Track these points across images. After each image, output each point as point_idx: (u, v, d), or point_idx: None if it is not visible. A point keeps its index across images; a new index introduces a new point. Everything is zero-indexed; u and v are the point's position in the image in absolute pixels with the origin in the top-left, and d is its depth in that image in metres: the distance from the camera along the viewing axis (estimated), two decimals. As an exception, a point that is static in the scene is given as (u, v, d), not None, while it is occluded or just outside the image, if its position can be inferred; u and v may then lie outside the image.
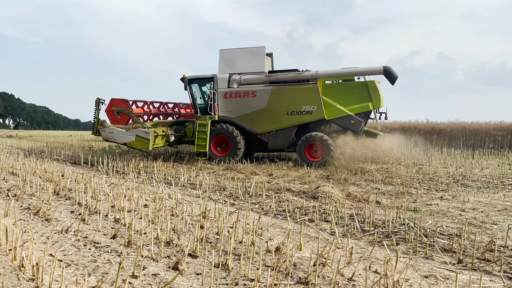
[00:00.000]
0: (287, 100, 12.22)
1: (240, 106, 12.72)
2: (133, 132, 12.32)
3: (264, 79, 12.56)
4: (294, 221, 5.32)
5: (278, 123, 12.41)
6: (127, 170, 10.15)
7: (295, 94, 12.19)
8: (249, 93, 12.60)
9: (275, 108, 12.35)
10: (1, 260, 3.47)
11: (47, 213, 5.22)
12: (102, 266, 3.46)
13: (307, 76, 12.14)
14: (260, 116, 12.53)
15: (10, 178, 8.37)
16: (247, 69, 12.86)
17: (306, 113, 12.09)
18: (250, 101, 12.59)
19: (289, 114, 12.26)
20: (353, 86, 12.08)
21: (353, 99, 11.84)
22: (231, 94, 12.75)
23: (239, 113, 12.75)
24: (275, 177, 9.52)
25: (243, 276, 3.29)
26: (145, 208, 5.79)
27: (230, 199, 6.84)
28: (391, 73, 11.36)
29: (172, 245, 4.10)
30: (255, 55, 12.84)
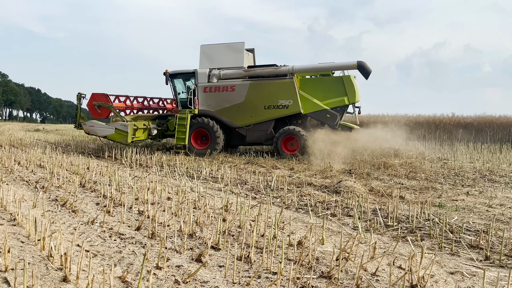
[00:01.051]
0: (265, 94, 12.45)
1: (219, 100, 12.96)
2: (112, 125, 12.63)
3: (243, 74, 12.77)
4: (316, 216, 5.30)
5: (256, 117, 12.64)
6: (150, 164, 10.29)
7: (272, 88, 12.40)
8: (228, 87, 12.84)
9: (253, 102, 12.58)
10: (31, 249, 3.58)
11: (74, 204, 5.36)
12: (127, 257, 3.53)
13: (284, 71, 12.35)
14: (238, 110, 12.77)
15: (38, 170, 8.61)
16: (226, 64, 13.05)
17: (282, 107, 12.31)
18: (229, 95, 12.82)
19: (266, 108, 12.50)
20: (329, 81, 12.30)
21: (329, 94, 12.09)
22: (211, 88, 12.99)
23: (219, 107, 12.98)
24: (296, 171, 9.49)
25: (265, 269, 3.30)
26: (168, 200, 5.87)
27: (252, 192, 6.86)
28: (364, 67, 11.53)
29: (195, 238, 4.15)
30: (235, 50, 13.04)
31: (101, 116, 13.10)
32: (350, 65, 11.80)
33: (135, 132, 12.53)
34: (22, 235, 3.98)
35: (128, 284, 2.92)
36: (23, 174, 7.94)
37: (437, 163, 11.32)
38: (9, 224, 4.38)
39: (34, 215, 4.32)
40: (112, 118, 13.05)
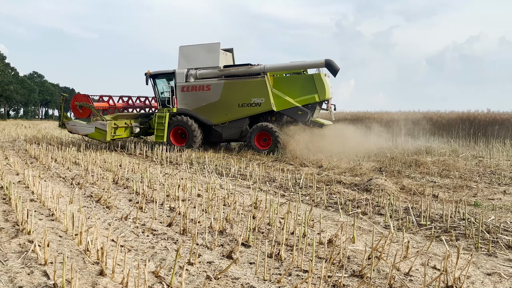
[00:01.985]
0: (238, 93, 12.86)
1: (196, 99, 13.42)
2: (92, 125, 13.13)
3: (218, 73, 13.19)
4: (346, 214, 5.24)
5: (231, 115, 13.06)
6: (180, 161, 10.45)
7: (245, 87, 12.80)
8: (204, 86, 13.30)
9: (227, 100, 13.01)
10: (68, 244, 3.71)
11: (108, 200, 5.51)
12: (159, 253, 3.60)
13: (257, 70, 12.69)
14: (214, 108, 13.23)
15: (74, 167, 8.91)
16: (203, 64, 13.46)
17: (255, 105, 12.71)
18: (205, 94, 13.28)
19: (240, 106, 12.91)
20: (300, 79, 12.65)
21: (301, 91, 12.41)
22: (188, 87, 13.47)
23: (196, 106, 13.46)
24: (325, 169, 9.41)
25: (296, 266, 3.30)
26: (198, 197, 5.95)
27: (280, 190, 6.85)
28: (332, 65, 11.84)
29: (225, 234, 4.19)
30: (211, 50, 13.44)
31: (83, 116, 13.78)
32: (319, 63, 12.11)
33: (115, 131, 13.16)
34: (60, 230, 4.13)
35: (161, 279, 2.99)
36: (60, 171, 8.23)
37: (471, 160, 10.97)
38: (47, 219, 4.56)
39: (71, 210, 4.48)
40: (93, 118, 13.50)
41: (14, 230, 4.03)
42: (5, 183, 6.14)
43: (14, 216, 4.49)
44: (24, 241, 3.68)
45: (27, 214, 4.16)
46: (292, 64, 12.76)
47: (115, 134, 13.21)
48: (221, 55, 13.62)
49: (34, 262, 3.19)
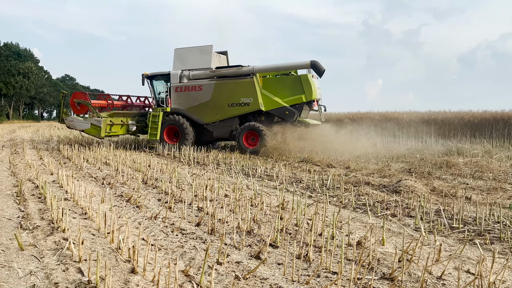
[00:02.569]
0: (228, 93, 13.30)
1: (188, 99, 13.89)
2: (88, 121, 13.74)
3: (209, 74, 13.65)
4: (375, 215, 5.17)
5: (221, 114, 13.50)
6: (207, 161, 10.56)
7: (235, 87, 13.24)
8: (196, 87, 13.80)
9: (218, 100, 13.46)
10: (101, 242, 3.81)
11: (138, 200, 5.63)
12: (188, 252, 3.65)
13: (246, 71, 13.15)
14: (205, 108, 13.68)
15: (104, 167, 9.15)
16: (196, 65, 13.93)
17: (244, 105, 13.11)
18: (197, 94, 13.76)
19: (230, 106, 13.34)
20: (288, 80, 13.04)
21: (288, 92, 12.79)
22: (181, 88, 13.98)
23: (188, 105, 13.92)
24: (353, 170, 9.30)
25: (324, 268, 3.27)
26: (226, 198, 5.99)
27: (307, 191, 6.82)
28: (317, 66, 12.20)
29: (253, 235, 4.20)
30: (204, 52, 13.92)
31: (80, 112, 14.44)
32: (304, 65, 12.52)
33: (111, 128, 13.79)
34: (93, 228, 4.25)
35: (190, 278, 3.03)
36: (91, 171, 8.47)
37: (506, 162, 10.59)
38: (81, 217, 4.70)
39: (103, 209, 4.60)
40: (90, 114, 14.13)
41: (49, 228, 4.18)
42: (41, 183, 6.37)
43: (50, 215, 4.65)
44: (59, 239, 3.81)
45: (62, 212, 4.30)
46: (279, 65, 13.20)
47: (110, 131, 13.85)
48: (214, 57, 14.09)
49: (69, 259, 3.29)
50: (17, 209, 5.02)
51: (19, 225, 4.27)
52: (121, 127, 14.32)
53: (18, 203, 5.33)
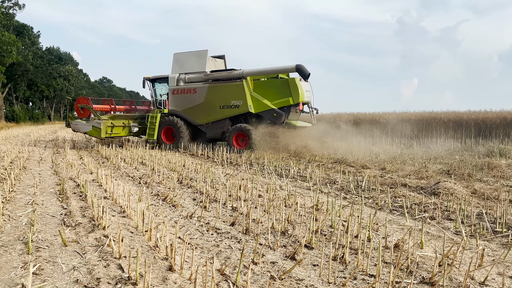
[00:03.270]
0: (220, 95, 13.90)
1: (184, 101, 14.59)
2: (90, 123, 14.50)
3: (203, 77, 14.31)
4: (412, 218, 5.04)
5: (213, 116, 14.10)
6: (240, 162, 10.63)
7: (226, 90, 13.82)
8: (191, 90, 14.48)
9: (210, 102, 14.07)
10: (139, 239, 3.92)
11: (173, 199, 5.74)
12: (224, 251, 3.69)
13: (236, 75, 13.72)
14: (199, 110, 14.31)
15: (141, 167, 9.38)
16: (192, 69, 14.61)
17: (234, 107, 13.67)
18: (192, 97, 14.42)
19: (221, 108, 13.91)
20: (277, 83, 13.42)
21: (277, 95, 13.16)
22: (178, 91, 14.70)
23: (184, 107, 14.60)
24: (388, 171, 9.10)
25: (361, 270, 3.22)
26: (259, 198, 6.00)
27: (342, 192, 6.73)
28: (302, 70, 12.55)
29: (287, 235, 4.19)
30: (199, 57, 14.60)
31: (84, 116, 15.28)
32: (290, 69, 12.90)
33: (112, 129, 14.59)
34: (131, 226, 4.37)
35: (226, 277, 3.06)
36: (128, 171, 8.71)
37: (553, 164, 10.05)
38: (119, 215, 4.84)
39: (141, 208, 4.72)
40: (91, 118, 14.90)
41: (90, 225, 4.33)
42: (81, 181, 6.61)
43: (90, 212, 4.82)
44: (100, 236, 3.94)
45: (102, 210, 4.45)
46: (267, 69, 13.66)
47: (111, 132, 14.63)
48: (209, 61, 14.72)
49: (109, 256, 3.40)
50: (60, 207, 5.23)
51: (62, 222, 4.45)
52: (123, 128, 15.20)
53: (60, 201, 5.56)
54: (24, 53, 48.54)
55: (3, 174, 7.46)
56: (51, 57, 59.92)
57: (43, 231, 4.10)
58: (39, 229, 4.16)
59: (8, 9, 41.94)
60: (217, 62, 15.30)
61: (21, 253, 3.45)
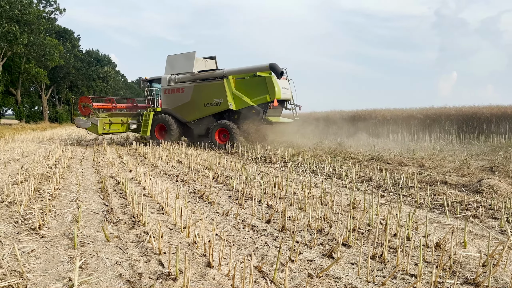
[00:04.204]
0: (204, 94, 14.86)
1: (174, 100, 15.71)
2: (89, 120, 15.93)
3: (190, 77, 15.36)
4: (454, 217, 4.87)
5: (199, 113, 15.10)
6: (274, 159, 10.63)
7: (209, 89, 14.76)
8: (180, 89, 15.58)
9: (196, 101, 15.09)
10: (178, 236, 4.00)
11: (210, 197, 5.83)
12: (260, 248, 3.71)
13: (218, 74, 14.62)
14: (187, 108, 15.37)
15: (177, 165, 9.58)
16: (182, 70, 15.71)
17: (216, 104, 14.57)
18: (180, 96, 15.52)
19: (205, 106, 14.89)
20: (255, 81, 14.10)
21: (255, 92, 13.93)
22: (169, 90, 15.89)
23: (174, 106, 15.75)
24: (427, 168, 8.84)
25: (401, 270, 3.15)
26: (294, 195, 5.99)
27: (379, 190, 6.60)
28: (274, 68, 13.35)
29: (324, 233, 4.16)
30: (188, 58, 15.67)
31: (85, 114, 16.58)
32: (264, 67, 13.62)
33: (110, 126, 16.00)
34: (170, 223, 4.47)
35: (264, 274, 3.08)
36: (166, 169, 8.91)
37: None
38: (158, 212, 4.97)
39: (179, 205, 4.82)
40: (92, 115, 16.18)
41: (131, 221, 4.47)
42: (121, 179, 6.83)
43: (131, 209, 4.98)
44: (140, 232, 4.06)
45: (142, 207, 4.58)
46: (244, 68, 14.40)
47: (109, 129, 16.07)
48: (198, 62, 15.75)
49: (150, 252, 3.50)
50: (101, 204, 5.43)
51: (105, 219, 4.62)
52: (121, 125, 16.59)
53: (102, 198, 5.76)
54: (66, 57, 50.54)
55: (49, 172, 7.82)
56: (90, 60, 62.16)
57: (87, 227, 4.27)
58: (83, 225, 4.34)
59: (50, 14, 43.80)
60: (208, 63, 16.27)
61: (67, 248, 3.62)
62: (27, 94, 57.51)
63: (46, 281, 2.91)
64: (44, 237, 3.92)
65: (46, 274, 3.03)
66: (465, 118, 20.97)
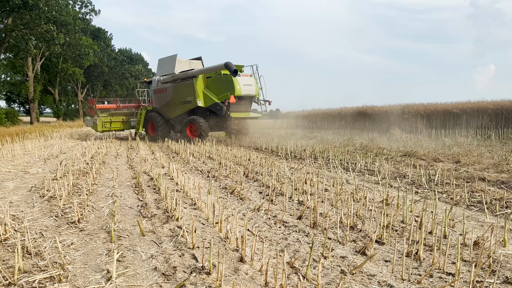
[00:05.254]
0: (179, 93, 16.24)
1: (160, 99, 17.31)
2: (92, 120, 18.01)
3: (171, 78, 16.76)
4: (493, 214, 4.70)
5: (177, 111, 16.40)
6: (304, 156, 10.58)
7: (183, 88, 16.08)
8: (164, 89, 17.16)
9: (175, 100, 16.50)
10: (210, 231, 4.06)
11: (241, 192, 5.87)
12: (292, 244, 3.71)
13: (190, 74, 15.82)
14: (169, 106, 16.83)
15: (208, 161, 9.69)
16: (166, 72, 17.21)
17: (188, 102, 15.85)
18: (165, 95, 17.09)
19: (181, 104, 16.19)
20: (221, 79, 15.13)
21: (221, 90, 15.06)
22: (157, 90, 17.54)
23: (160, 105, 17.31)
24: (464, 164, 8.56)
25: (437, 268, 3.08)
26: (326, 192, 5.95)
27: (413, 187, 6.46)
28: (229, 67, 14.07)
29: (356, 230, 4.11)
30: (171, 60, 17.17)
31: (92, 114, 18.47)
32: (221, 66, 14.45)
33: (110, 124, 18.09)
34: (202, 218, 4.54)
35: (296, 269, 3.08)
36: (197, 165, 9.04)
37: None
38: (191, 207, 5.05)
39: (211, 201, 4.88)
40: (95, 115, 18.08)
41: (165, 216, 4.56)
42: (154, 175, 6.98)
43: (164, 204, 5.08)
44: (174, 227, 4.14)
45: (175, 203, 4.67)
46: (208, 68, 15.62)
47: (110, 127, 18.20)
48: (180, 63, 17.03)
49: (183, 246, 3.57)
50: (136, 199, 5.57)
51: (139, 213, 4.74)
52: (122, 123, 18.63)
53: (136, 193, 5.92)
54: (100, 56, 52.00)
55: (86, 168, 8.09)
56: (123, 58, 63.68)
57: (123, 221, 4.40)
58: (119, 219, 4.47)
59: (85, 15, 45.17)
60: (193, 63, 17.48)
61: (104, 241, 3.74)
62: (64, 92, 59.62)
63: (86, 272, 3.02)
64: (83, 231, 4.07)
65: (86, 266, 3.14)
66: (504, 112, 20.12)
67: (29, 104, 41.87)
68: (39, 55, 39.45)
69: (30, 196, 5.68)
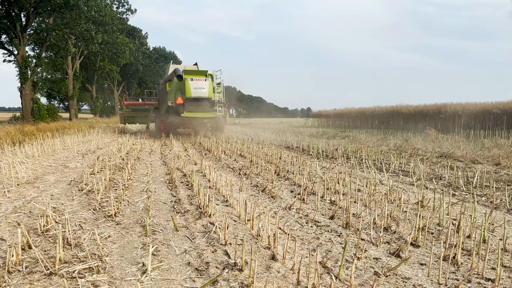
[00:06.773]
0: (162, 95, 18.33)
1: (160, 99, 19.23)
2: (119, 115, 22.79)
3: (163, 82, 19.00)
4: (536, 220, 4.49)
5: (162, 110, 18.05)
6: (336, 155, 10.46)
7: (162, 91, 18.37)
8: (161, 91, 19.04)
9: (162, 100, 18.54)
10: (242, 228, 4.09)
11: (272, 191, 5.87)
12: (324, 244, 3.68)
13: (167, 78, 17.52)
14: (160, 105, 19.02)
15: (240, 159, 9.75)
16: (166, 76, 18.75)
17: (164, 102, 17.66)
18: (161, 97, 18.91)
19: (162, 103, 18.19)
20: (181, 83, 16.45)
21: (180, 92, 16.56)
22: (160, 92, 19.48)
23: (160, 104, 19.32)
24: (504, 166, 8.21)
25: (476, 273, 2.98)
26: (358, 192, 5.86)
27: (449, 189, 6.26)
28: (175, 73, 15.95)
29: (390, 232, 4.03)
30: (168, 66, 19.03)
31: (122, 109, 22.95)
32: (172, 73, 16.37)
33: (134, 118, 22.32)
34: (234, 215, 4.58)
35: (328, 269, 3.05)
36: (229, 162, 9.11)
37: None
38: (223, 204, 5.10)
39: (242, 198, 4.91)
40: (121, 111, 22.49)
41: (197, 212, 4.63)
42: (187, 172, 7.09)
43: (197, 200, 5.16)
44: (207, 223, 4.20)
45: (208, 199, 4.73)
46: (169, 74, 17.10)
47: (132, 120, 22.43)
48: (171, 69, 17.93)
49: (216, 242, 3.61)
50: (170, 194, 5.68)
51: (173, 209, 4.83)
52: (143, 118, 22.30)
53: (170, 189, 6.03)
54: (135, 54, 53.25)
55: (121, 164, 8.32)
56: (157, 56, 64.98)
57: (157, 216, 4.50)
58: (154, 214, 4.58)
59: (122, 15, 46.35)
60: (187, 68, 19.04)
61: (140, 235, 3.84)
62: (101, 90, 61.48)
63: (122, 265, 3.11)
64: (119, 224, 4.19)
65: (122, 259, 3.24)
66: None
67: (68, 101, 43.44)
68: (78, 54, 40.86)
69: (70, 190, 5.91)
